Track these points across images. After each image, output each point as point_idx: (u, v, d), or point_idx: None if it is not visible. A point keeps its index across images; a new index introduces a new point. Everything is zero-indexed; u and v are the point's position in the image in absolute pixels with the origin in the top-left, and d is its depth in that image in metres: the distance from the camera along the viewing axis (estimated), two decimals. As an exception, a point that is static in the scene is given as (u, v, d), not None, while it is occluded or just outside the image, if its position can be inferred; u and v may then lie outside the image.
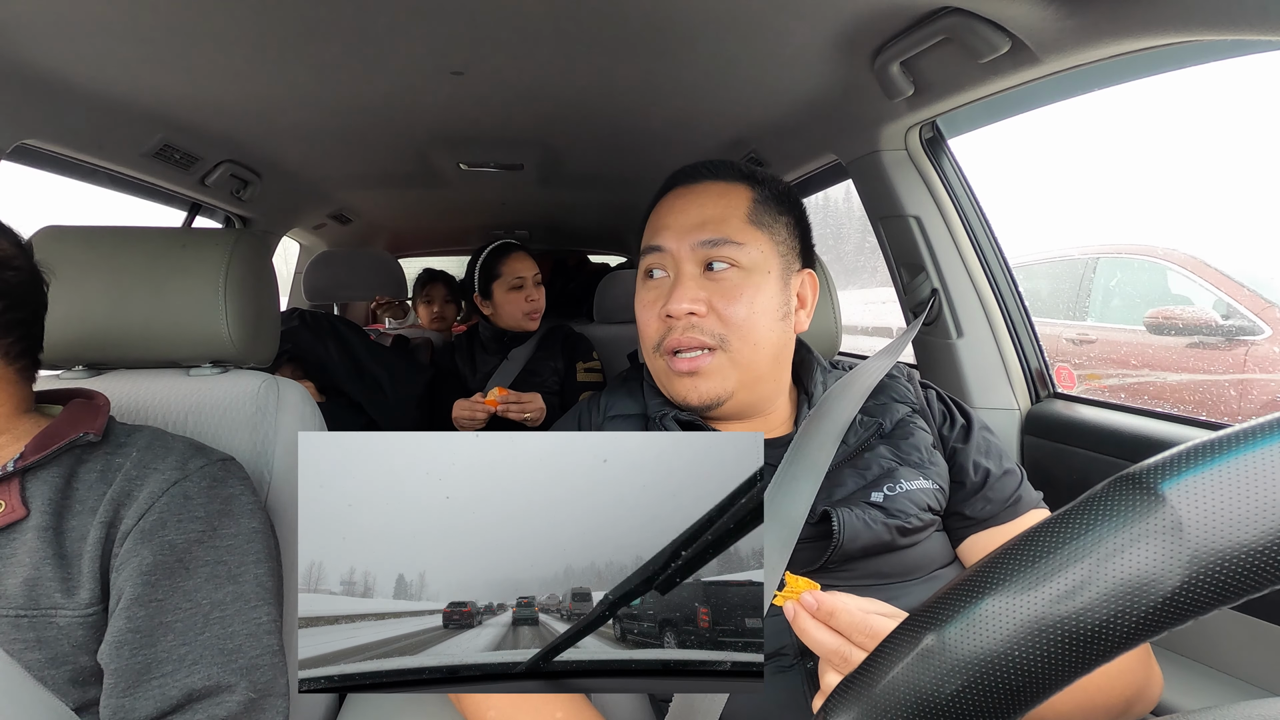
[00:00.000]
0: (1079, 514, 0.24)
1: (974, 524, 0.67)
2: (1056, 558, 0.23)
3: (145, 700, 0.53)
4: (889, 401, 0.74)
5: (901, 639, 0.25)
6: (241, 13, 0.81)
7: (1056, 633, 0.22)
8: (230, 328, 0.80)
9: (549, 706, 0.58)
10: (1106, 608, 0.22)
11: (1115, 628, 0.22)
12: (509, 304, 1.69)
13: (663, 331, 0.67)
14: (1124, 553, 0.22)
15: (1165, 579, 0.21)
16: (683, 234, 0.67)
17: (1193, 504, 0.22)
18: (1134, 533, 0.22)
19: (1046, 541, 0.24)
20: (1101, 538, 0.23)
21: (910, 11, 0.79)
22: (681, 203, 0.69)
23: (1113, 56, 0.72)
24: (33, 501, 0.57)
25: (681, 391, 0.67)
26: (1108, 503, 0.23)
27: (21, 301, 0.60)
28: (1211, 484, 0.22)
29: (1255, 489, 0.21)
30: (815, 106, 1.15)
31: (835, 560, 0.61)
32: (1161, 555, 0.22)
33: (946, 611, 0.24)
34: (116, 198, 1.41)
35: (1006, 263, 1.15)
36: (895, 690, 0.24)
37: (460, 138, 1.45)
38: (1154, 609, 0.22)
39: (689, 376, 0.66)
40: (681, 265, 0.67)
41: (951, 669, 0.23)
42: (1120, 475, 0.24)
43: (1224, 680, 0.79)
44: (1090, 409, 1.04)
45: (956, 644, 0.24)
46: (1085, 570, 0.22)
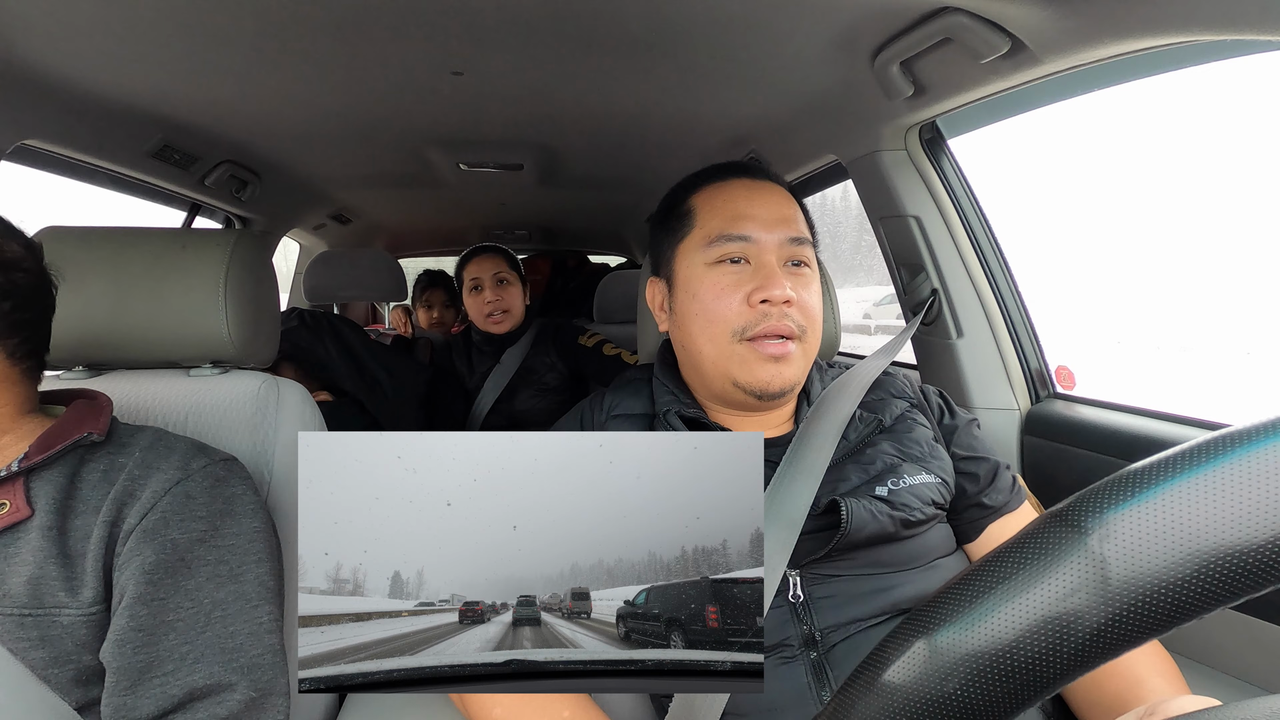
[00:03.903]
0: (1014, 552, 0.24)
1: (993, 512, 0.70)
2: (992, 596, 0.24)
3: (146, 699, 0.53)
4: (887, 397, 0.75)
5: (865, 674, 0.26)
6: (241, 13, 0.81)
7: (994, 671, 0.23)
8: (230, 328, 0.80)
9: (555, 705, 0.58)
10: (1037, 644, 0.23)
11: (1047, 664, 0.22)
12: (470, 307, 1.73)
13: (749, 317, 0.66)
14: (1050, 591, 0.23)
15: (1090, 616, 0.22)
16: (769, 226, 0.68)
17: (1114, 540, 0.22)
18: (1060, 571, 0.23)
19: (985, 580, 0.24)
20: (1031, 577, 0.23)
21: (910, 11, 0.79)
22: (759, 196, 0.70)
23: (1113, 57, 0.72)
24: (37, 501, 0.57)
25: (765, 377, 0.66)
26: (1039, 541, 0.24)
27: (29, 303, 0.60)
28: (1132, 519, 0.22)
29: (1173, 521, 0.22)
30: (815, 106, 1.15)
31: (839, 549, 0.62)
32: (1086, 593, 0.22)
33: (903, 646, 0.25)
34: (116, 198, 1.41)
35: (1006, 263, 1.15)
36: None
37: (459, 138, 1.45)
38: (1082, 645, 0.22)
39: (775, 362, 0.66)
40: (766, 256, 0.68)
41: (904, 704, 0.24)
42: (1051, 512, 0.24)
43: (1224, 680, 0.79)
44: (1090, 409, 1.04)
45: (910, 679, 0.24)
46: (1016, 609, 0.23)
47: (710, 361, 0.68)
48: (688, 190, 0.74)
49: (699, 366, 0.70)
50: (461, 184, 1.86)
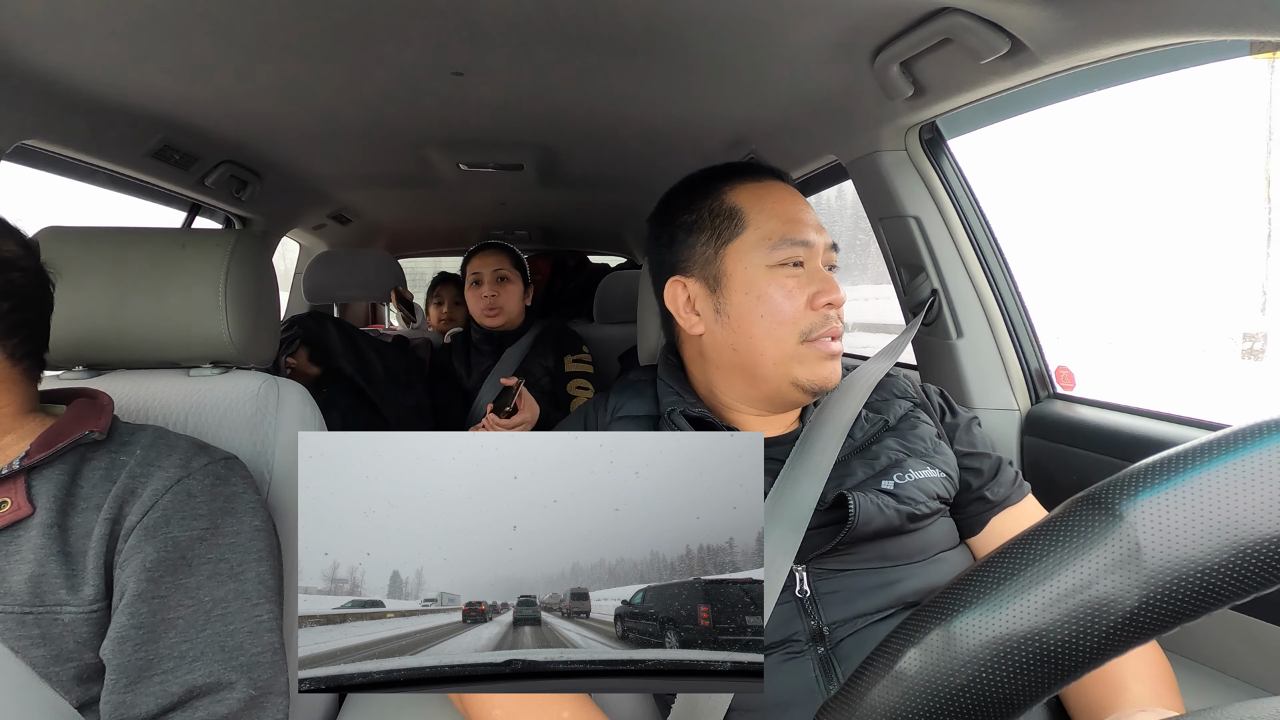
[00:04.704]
0: (1041, 536, 0.24)
1: (996, 506, 0.72)
2: (1019, 580, 0.23)
3: (146, 696, 0.53)
4: (890, 397, 0.76)
5: (878, 661, 0.26)
6: (241, 13, 0.81)
7: (1021, 654, 0.23)
8: (230, 328, 0.80)
9: (555, 705, 0.58)
10: (1066, 629, 0.22)
11: (1076, 648, 0.22)
12: (469, 300, 1.75)
13: (814, 320, 0.68)
14: (1083, 574, 0.22)
15: (1123, 599, 0.22)
16: (819, 232, 0.71)
17: (1149, 523, 0.22)
18: (1093, 554, 0.22)
19: (1011, 563, 0.24)
20: (1061, 560, 0.23)
21: (910, 12, 0.79)
22: (800, 201, 0.73)
23: (1113, 57, 0.72)
24: (38, 499, 0.58)
25: (825, 374, 0.69)
26: (1068, 524, 0.24)
27: (27, 303, 0.60)
28: (1168, 503, 0.22)
29: (1210, 506, 0.21)
30: (815, 107, 1.15)
31: (845, 543, 0.62)
32: (1119, 576, 0.22)
33: (919, 633, 0.25)
34: (116, 198, 1.41)
35: (1006, 263, 1.15)
36: (871, 712, 0.25)
37: (460, 138, 1.45)
38: (1113, 629, 0.22)
39: (833, 360, 0.69)
40: (816, 260, 0.70)
41: (921, 690, 0.24)
42: (1080, 496, 0.24)
43: (1224, 680, 0.79)
44: (1090, 409, 1.04)
45: (927, 666, 0.24)
46: (1045, 592, 0.23)
47: (772, 362, 0.68)
48: (719, 187, 0.72)
49: (755, 368, 0.69)
50: (461, 184, 1.86)
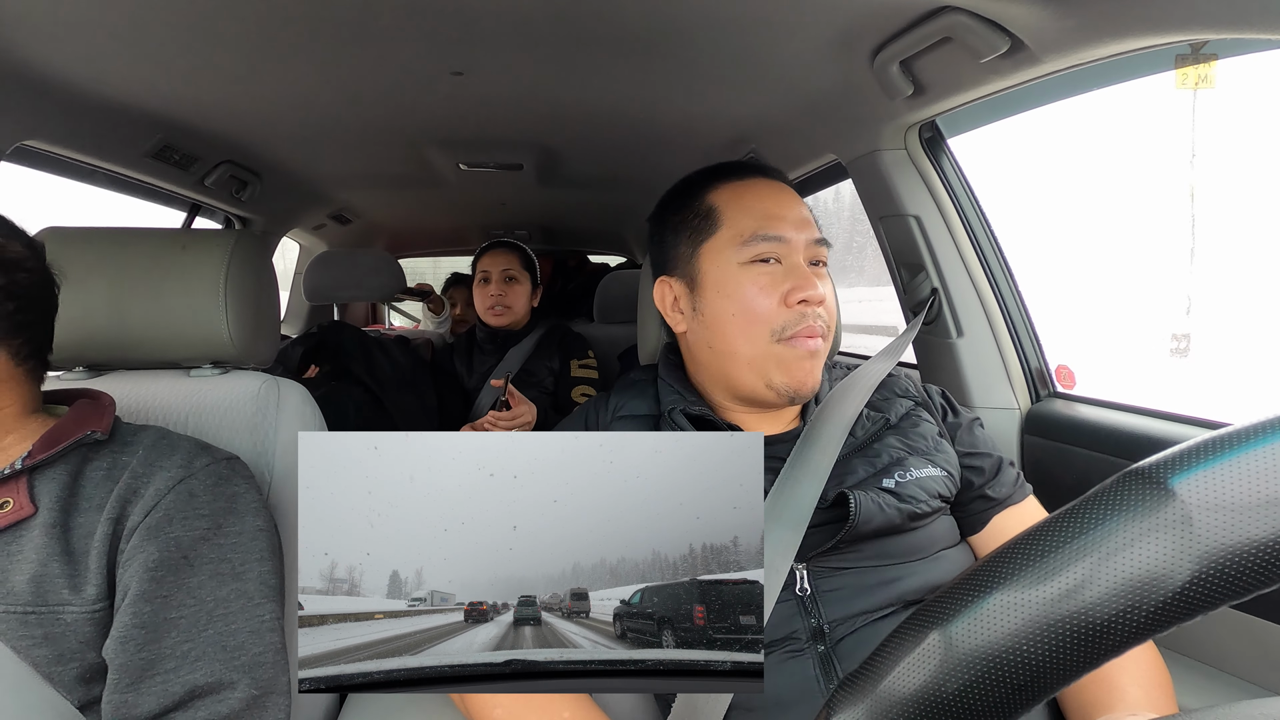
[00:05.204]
0: (1088, 509, 0.23)
1: (997, 504, 0.71)
2: (1064, 553, 0.23)
3: (148, 696, 0.53)
4: (892, 396, 0.76)
5: (905, 636, 0.25)
6: (241, 13, 0.81)
7: (1063, 628, 0.22)
8: (230, 329, 0.80)
9: (555, 705, 0.58)
10: (1115, 603, 0.22)
11: (1123, 623, 0.22)
12: (476, 298, 1.75)
13: (788, 317, 0.66)
14: (1133, 547, 0.22)
15: (1175, 574, 0.21)
16: (798, 227, 0.69)
17: (1203, 498, 0.22)
18: (1143, 527, 0.22)
19: (1054, 536, 0.23)
20: (1110, 532, 0.22)
21: (910, 11, 0.79)
22: (783, 197, 0.71)
23: (1113, 56, 0.72)
24: (40, 499, 0.58)
25: (800, 375, 0.67)
26: (1117, 497, 0.23)
27: (32, 303, 0.60)
28: (1222, 479, 0.22)
29: (1265, 483, 0.21)
30: (815, 106, 1.15)
31: (846, 541, 0.62)
32: (1171, 550, 0.21)
33: (952, 607, 0.24)
34: (116, 198, 1.41)
35: (1006, 262, 1.15)
36: (899, 687, 0.24)
37: (460, 138, 1.45)
38: (1163, 604, 0.21)
39: (811, 359, 0.67)
40: (795, 256, 0.68)
41: (956, 665, 0.23)
42: (1129, 470, 0.24)
43: (1224, 680, 0.79)
44: (1090, 409, 1.04)
45: (961, 640, 0.23)
46: (1093, 565, 0.22)
47: (746, 361, 0.68)
48: (702, 188, 0.73)
49: (729, 367, 0.69)
50: (461, 184, 1.86)
